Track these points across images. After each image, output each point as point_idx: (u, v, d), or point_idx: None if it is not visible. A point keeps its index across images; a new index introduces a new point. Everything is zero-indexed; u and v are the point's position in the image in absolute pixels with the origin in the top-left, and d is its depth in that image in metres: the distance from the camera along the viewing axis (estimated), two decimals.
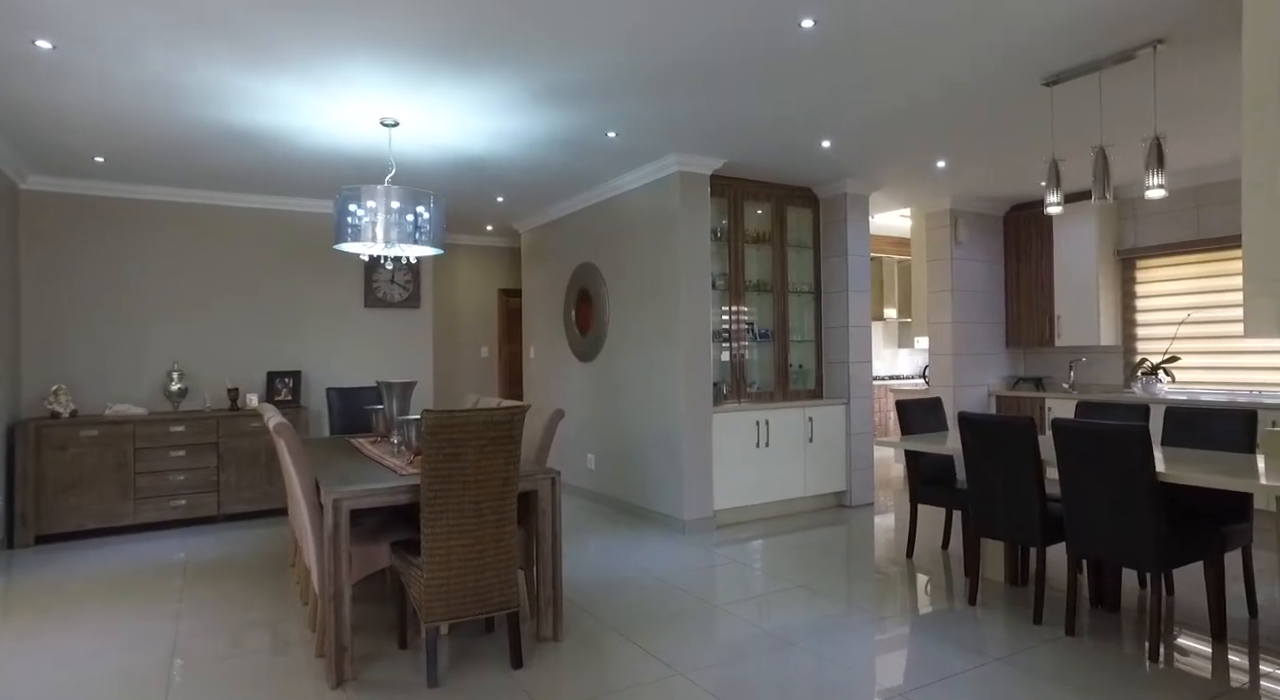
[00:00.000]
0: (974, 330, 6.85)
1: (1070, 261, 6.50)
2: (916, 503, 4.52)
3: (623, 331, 5.95)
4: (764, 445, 5.66)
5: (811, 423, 5.91)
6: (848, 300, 6.06)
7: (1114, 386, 6.47)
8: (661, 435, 5.45)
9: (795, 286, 6.21)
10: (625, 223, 5.91)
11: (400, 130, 4.39)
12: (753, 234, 6.02)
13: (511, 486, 2.95)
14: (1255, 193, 2.78)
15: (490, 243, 8.48)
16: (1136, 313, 6.38)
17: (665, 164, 5.30)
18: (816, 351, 6.28)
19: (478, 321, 8.42)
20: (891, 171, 5.77)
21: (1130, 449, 3.01)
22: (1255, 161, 2.80)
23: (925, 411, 4.69)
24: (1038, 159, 5.38)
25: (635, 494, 5.78)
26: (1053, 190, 3.79)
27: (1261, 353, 5.66)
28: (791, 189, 6.15)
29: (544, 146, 4.90)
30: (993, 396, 6.88)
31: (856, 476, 6.10)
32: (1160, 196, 3.43)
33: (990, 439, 3.56)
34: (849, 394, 6.07)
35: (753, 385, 5.99)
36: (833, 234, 6.19)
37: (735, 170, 5.64)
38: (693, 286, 5.32)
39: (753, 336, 5.99)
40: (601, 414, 6.24)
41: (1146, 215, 6.30)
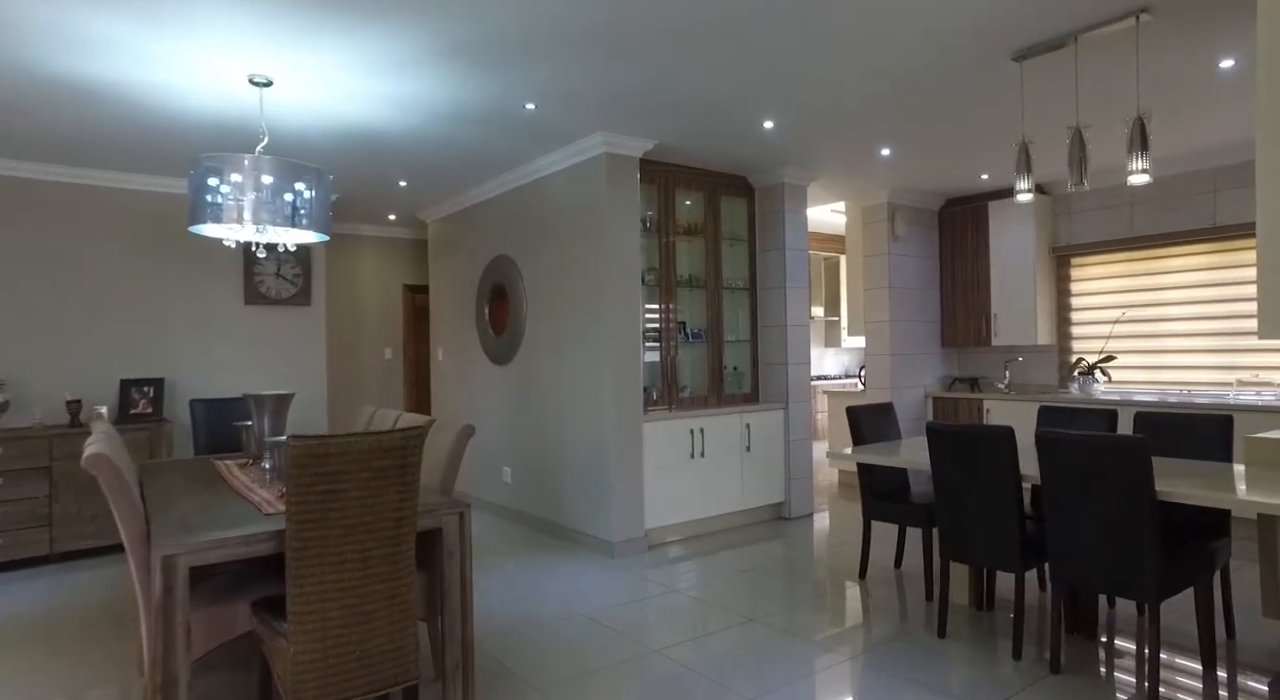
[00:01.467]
0: (911, 329, 6.59)
1: (1007, 258, 6.31)
2: (870, 519, 4.12)
3: (542, 332, 5.36)
4: (699, 456, 5.19)
5: (749, 430, 5.48)
6: (785, 297, 5.66)
7: (1049, 386, 6.32)
8: (586, 447, 4.90)
9: (729, 282, 5.76)
10: (545, 211, 5.32)
11: (275, 92, 3.68)
12: (684, 225, 5.54)
13: (407, 526, 2.34)
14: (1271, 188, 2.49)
15: (394, 234, 7.70)
16: (1071, 311, 6.25)
17: (590, 145, 4.74)
18: (752, 352, 5.86)
19: (381, 320, 7.64)
20: (833, 159, 5.39)
21: (1129, 464, 2.66)
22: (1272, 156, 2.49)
23: (878, 418, 4.30)
24: (991, 146, 5.10)
25: (558, 512, 5.20)
26: (1023, 176, 3.45)
27: (1192, 352, 5.58)
28: (726, 177, 5.70)
29: (452, 120, 4.26)
30: (930, 398, 6.64)
31: (795, 486, 5.71)
32: (1144, 182, 3.12)
33: (964, 452, 3.17)
34: (787, 398, 5.67)
35: (685, 390, 5.51)
36: (769, 226, 5.78)
37: (666, 155, 5.14)
38: (621, 282, 4.78)
39: (684, 336, 5.51)
40: (519, 423, 5.63)
41: (1080, 212, 6.17)
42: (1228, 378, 5.42)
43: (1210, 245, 5.51)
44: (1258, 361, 5.30)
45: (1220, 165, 5.42)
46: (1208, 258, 5.53)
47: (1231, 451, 3.39)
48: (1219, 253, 5.48)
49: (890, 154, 5.22)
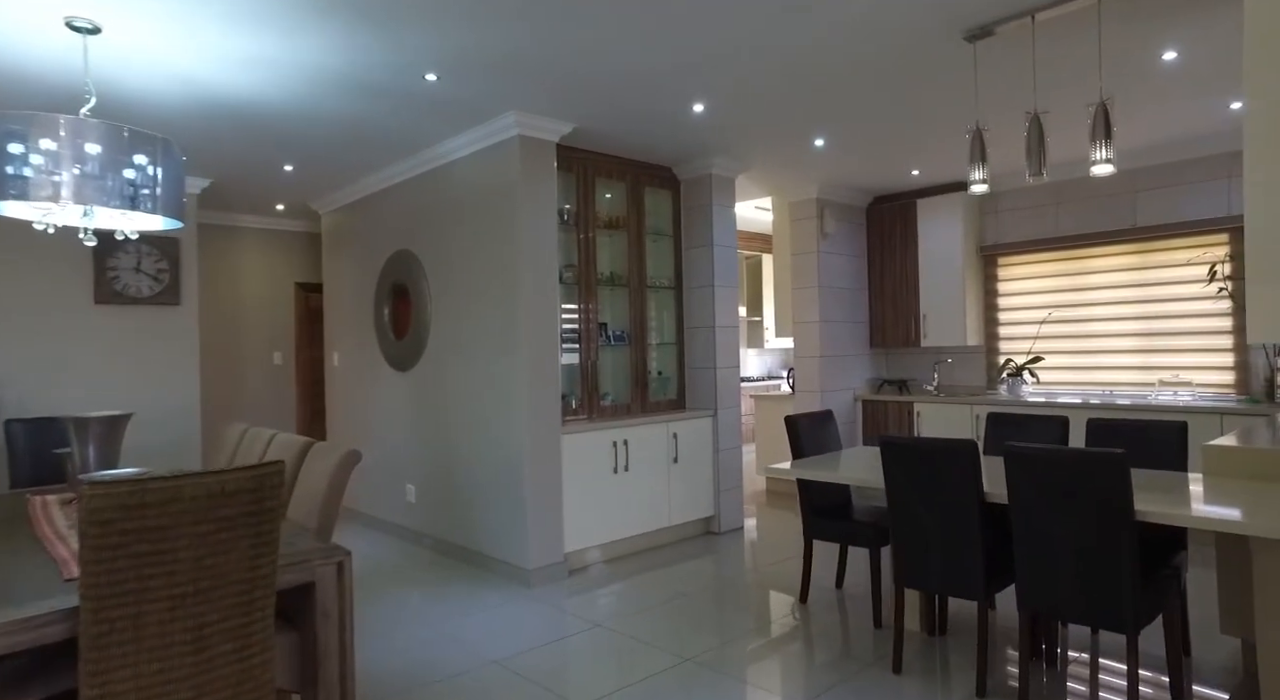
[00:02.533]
0: (840, 330, 6.37)
1: (935, 258, 6.16)
2: (811, 538, 3.80)
3: (448, 334, 4.82)
4: (622, 469, 4.77)
5: (676, 439, 5.09)
6: (713, 296, 5.31)
7: (978, 388, 6.21)
8: (498, 462, 4.40)
9: (654, 281, 5.37)
10: (452, 201, 4.78)
11: (106, 43, 3.03)
12: (606, 219, 5.11)
13: (263, 590, 1.82)
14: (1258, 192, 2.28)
15: (284, 226, 6.95)
16: (999, 312, 6.16)
17: (502, 126, 4.24)
18: (678, 356, 5.49)
19: (269, 322, 6.87)
20: (765, 150, 5.07)
21: (1107, 482, 2.39)
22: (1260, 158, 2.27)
23: (818, 429, 3.99)
24: (929, 140, 4.88)
25: (467, 535, 4.67)
26: (976, 166, 3.18)
27: (1116, 352, 5.55)
28: (650, 167, 5.30)
29: (340, 90, 3.69)
30: (859, 401, 6.43)
31: (726, 498, 5.37)
32: (1108, 173, 2.89)
33: (921, 468, 2.86)
34: (716, 404, 5.31)
35: (607, 397, 5.08)
36: (696, 220, 5.42)
37: (586, 141, 4.69)
38: (536, 279, 4.31)
39: (606, 339, 5.08)
40: (423, 435, 5.06)
41: (1007, 211, 6.08)
42: (1150, 378, 5.40)
43: (1132, 246, 5.49)
44: (1177, 362, 5.30)
45: (1140, 166, 5.39)
46: (1130, 258, 5.50)
47: (1187, 459, 3.22)
48: (1140, 253, 5.46)
49: (825, 145, 4.93)
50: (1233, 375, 5.12)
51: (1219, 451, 3.01)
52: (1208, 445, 3.03)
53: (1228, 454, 2.99)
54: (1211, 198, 5.15)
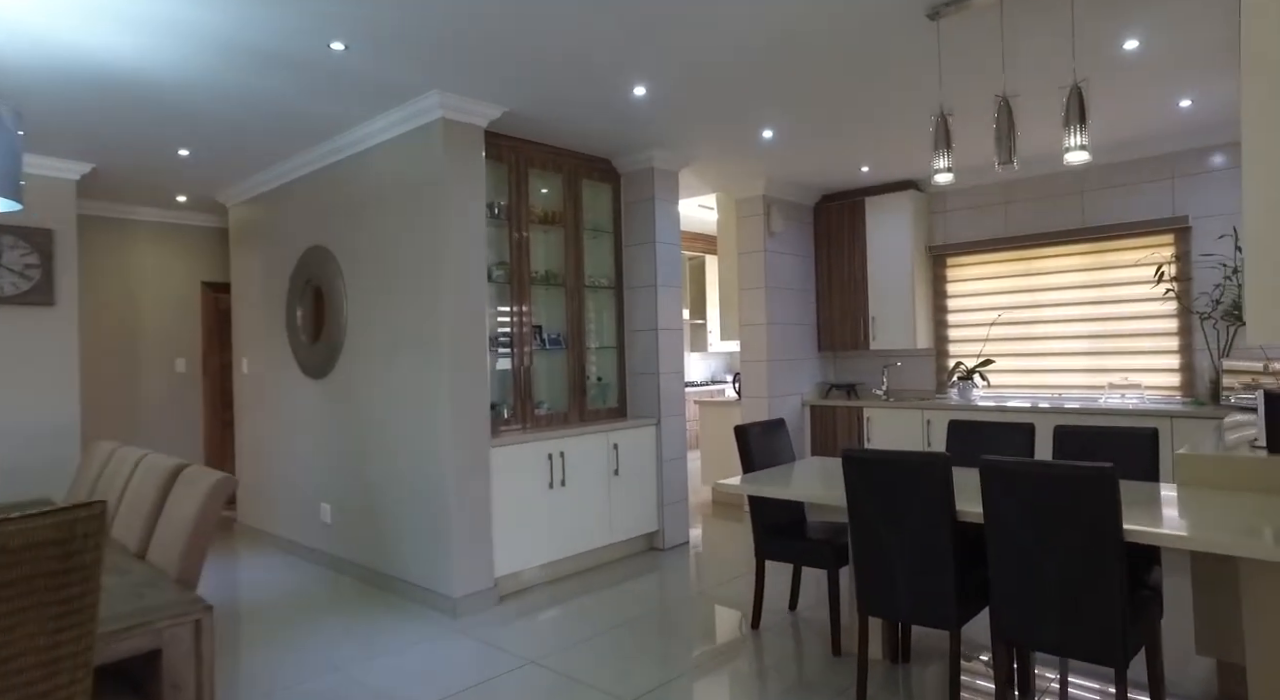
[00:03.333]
0: (788, 333, 6.13)
1: (884, 258, 5.98)
2: (763, 558, 3.50)
3: (367, 339, 4.37)
4: (559, 484, 4.39)
5: (617, 451, 4.75)
6: (656, 297, 4.98)
7: (928, 392, 6.05)
8: (422, 479, 3.98)
9: (593, 280, 5.02)
10: (371, 192, 4.34)
11: None
12: (540, 213, 4.74)
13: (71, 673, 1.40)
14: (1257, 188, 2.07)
15: (188, 220, 6.34)
16: (949, 314, 6.01)
17: (424, 107, 3.84)
18: (619, 361, 5.14)
19: (170, 326, 6.26)
20: (710, 141, 4.77)
21: (1094, 499, 2.15)
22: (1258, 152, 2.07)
23: (770, 439, 3.70)
24: (881, 131, 4.66)
25: (387, 560, 4.23)
26: (941, 154, 2.93)
27: (1064, 355, 5.45)
28: (588, 159, 4.95)
29: (234, 60, 3.23)
30: (807, 406, 6.20)
31: (670, 511, 5.05)
32: (1083, 160, 2.67)
33: (887, 485, 2.58)
34: (659, 412, 4.99)
35: (542, 406, 4.70)
36: (637, 216, 5.09)
37: (519, 127, 4.32)
38: (462, 277, 3.91)
39: (540, 343, 4.71)
40: (340, 449, 4.59)
41: (956, 210, 5.94)
42: (1099, 381, 5.31)
43: (1081, 246, 5.39)
44: (1126, 364, 5.21)
45: (1089, 166, 5.30)
46: (1079, 259, 5.40)
47: (1159, 468, 3.04)
48: (1089, 254, 5.36)
49: (773, 137, 4.67)
50: (1179, 377, 5.05)
51: (1192, 461, 2.82)
52: (1181, 454, 2.84)
53: (1201, 463, 2.80)
54: (1157, 198, 5.08)
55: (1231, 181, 4.82)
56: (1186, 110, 4.41)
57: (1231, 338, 4.78)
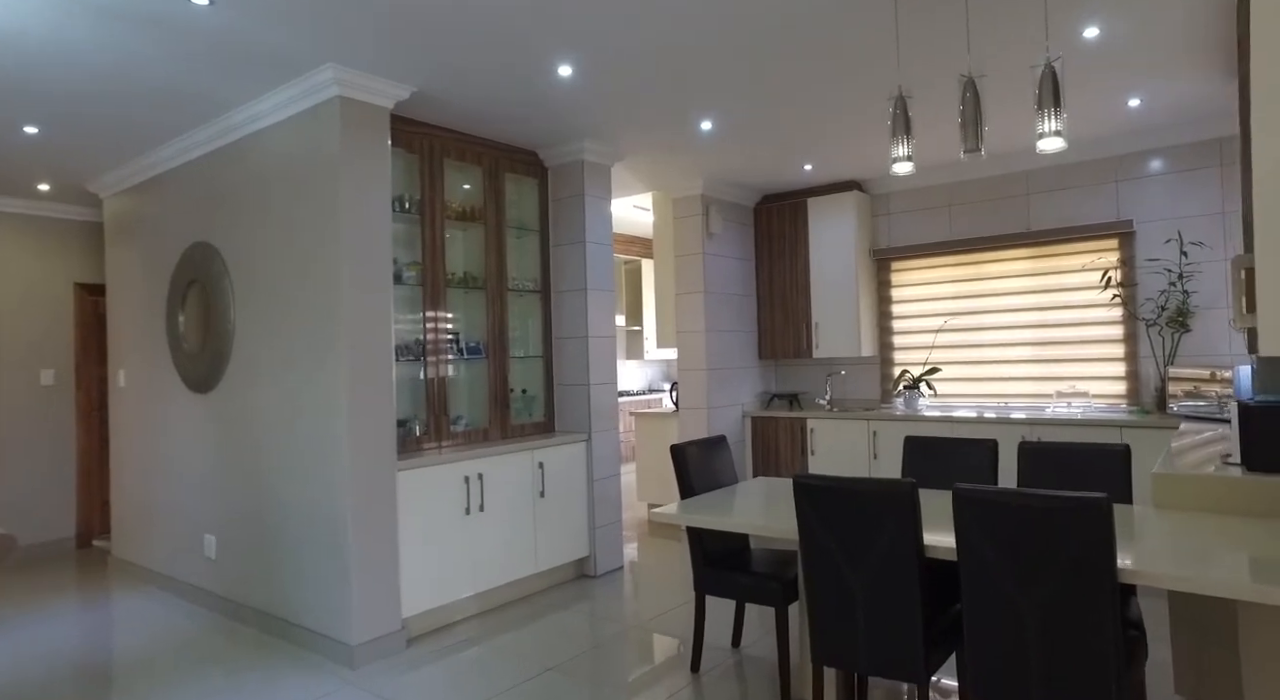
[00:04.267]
0: (728, 340, 5.81)
1: (827, 262, 5.72)
2: (702, 593, 3.13)
3: (257, 347, 3.84)
4: (477, 509, 3.94)
5: (543, 470, 4.32)
6: (586, 302, 4.59)
7: (873, 401, 5.81)
8: (317, 508, 3.48)
9: (517, 283, 4.59)
10: (261, 181, 3.82)
11: None
12: (458, 209, 4.29)
13: None
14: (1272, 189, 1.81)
15: (54, 213, 5.62)
16: (893, 320, 5.78)
17: (317, 84, 3.36)
18: (546, 371, 4.72)
19: (36, 332, 5.54)
20: (644, 134, 4.41)
21: (1085, 535, 1.85)
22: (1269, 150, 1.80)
23: (710, 459, 3.33)
24: (827, 124, 4.37)
25: (278, 601, 3.70)
26: (900, 140, 2.62)
27: (1011, 363, 5.28)
28: (512, 151, 4.53)
29: (76, 11, 2.70)
30: (748, 417, 5.89)
31: (603, 535, 4.64)
32: (1058, 148, 2.39)
33: (845, 517, 2.24)
34: (590, 427, 4.59)
35: (460, 422, 4.25)
36: (566, 214, 4.69)
37: (433, 113, 3.87)
38: (363, 278, 3.44)
39: (458, 352, 4.25)
40: (226, 473, 4.04)
41: (900, 213, 5.73)
42: (1047, 389, 5.15)
43: (1027, 251, 5.23)
44: (1073, 372, 5.07)
45: (1032, 168, 5.15)
46: (1025, 264, 5.24)
47: (1131, 488, 2.79)
48: (1035, 259, 5.21)
49: (712, 129, 4.33)
50: (1125, 385, 4.92)
51: (1170, 482, 2.57)
52: (1158, 475, 2.60)
53: (1179, 484, 2.56)
54: (1102, 202, 4.95)
55: (1174, 186, 4.72)
56: (1134, 111, 4.26)
57: (1176, 344, 4.67)
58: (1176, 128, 4.61)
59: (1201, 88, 3.94)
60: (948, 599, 2.41)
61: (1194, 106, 4.24)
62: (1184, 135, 4.64)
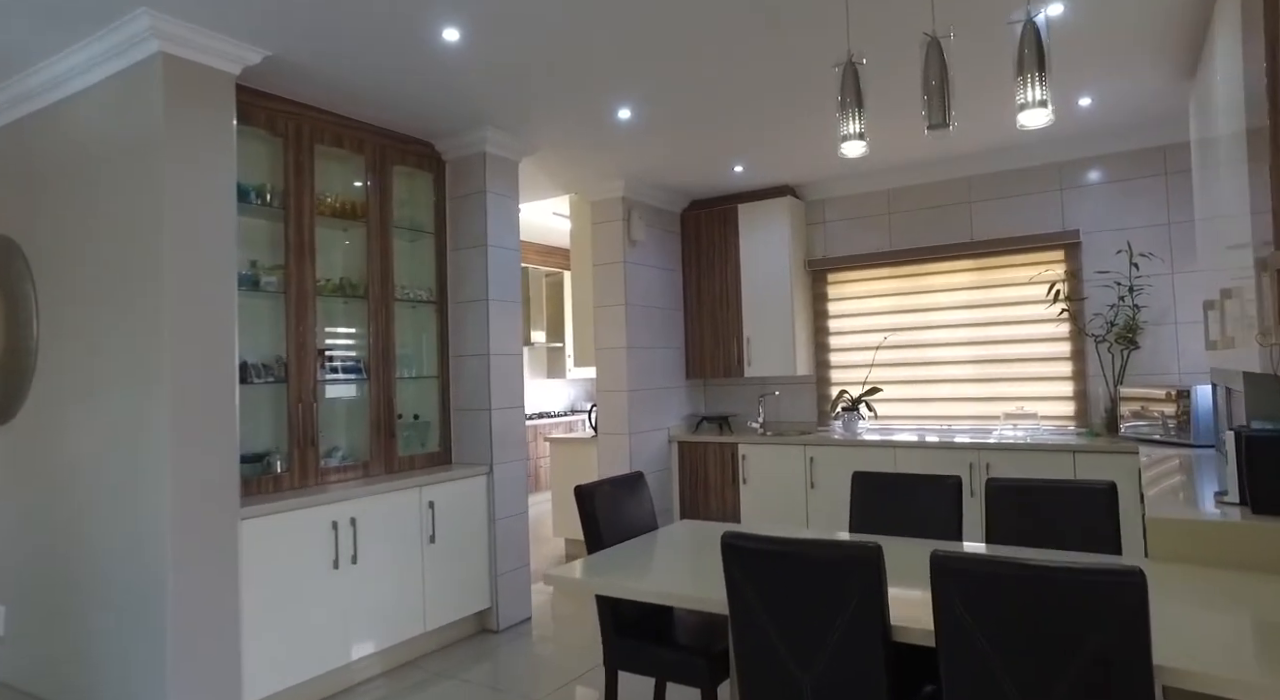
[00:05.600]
0: (652, 358, 5.28)
1: (760, 274, 5.27)
2: (614, 668, 2.55)
3: (65, 367, 3.09)
4: (349, 562, 3.27)
5: (433, 510, 3.68)
6: (488, 315, 3.99)
7: (809, 424, 5.37)
8: (124, 570, 2.75)
9: (407, 292, 3.96)
10: (70, 160, 3.09)
11: None
12: (334, 205, 3.65)
13: None
14: None
15: None
16: (830, 336, 5.36)
17: (131, 35, 2.69)
18: (442, 394, 4.09)
19: None
20: (554, 123, 3.86)
21: (1114, 619, 1.36)
22: None
23: (623, 502, 2.77)
24: (767, 109, 3.91)
25: (81, 687, 2.93)
26: (850, 115, 2.14)
27: (955, 382, 4.91)
28: (402, 139, 3.92)
29: None
30: (674, 443, 5.36)
31: (507, 582, 4.01)
32: (1044, 123, 1.94)
33: (790, 588, 1.71)
34: (492, 457, 3.97)
35: (333, 455, 3.58)
36: (466, 213, 4.09)
37: (301, 87, 3.24)
38: (198, 283, 2.77)
39: (329, 371, 3.59)
40: (22, 526, 3.24)
41: (836, 221, 5.34)
42: (993, 410, 4.79)
43: (970, 262, 4.89)
44: (1020, 391, 4.73)
45: (974, 174, 4.83)
46: (969, 276, 4.90)
47: (1120, 533, 2.36)
48: (979, 271, 4.87)
49: (632, 119, 3.82)
50: (1073, 406, 4.60)
51: (1169, 528, 2.15)
52: (1155, 519, 2.17)
53: (1179, 531, 2.14)
54: (1047, 211, 4.65)
55: (1118, 196, 4.44)
56: (1084, 111, 3.96)
57: (1125, 362, 4.37)
58: (1122, 133, 4.34)
59: (1155, 88, 3.65)
60: (917, 680, 1.90)
61: (1144, 109, 3.96)
62: (1129, 142, 4.37)
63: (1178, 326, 4.31)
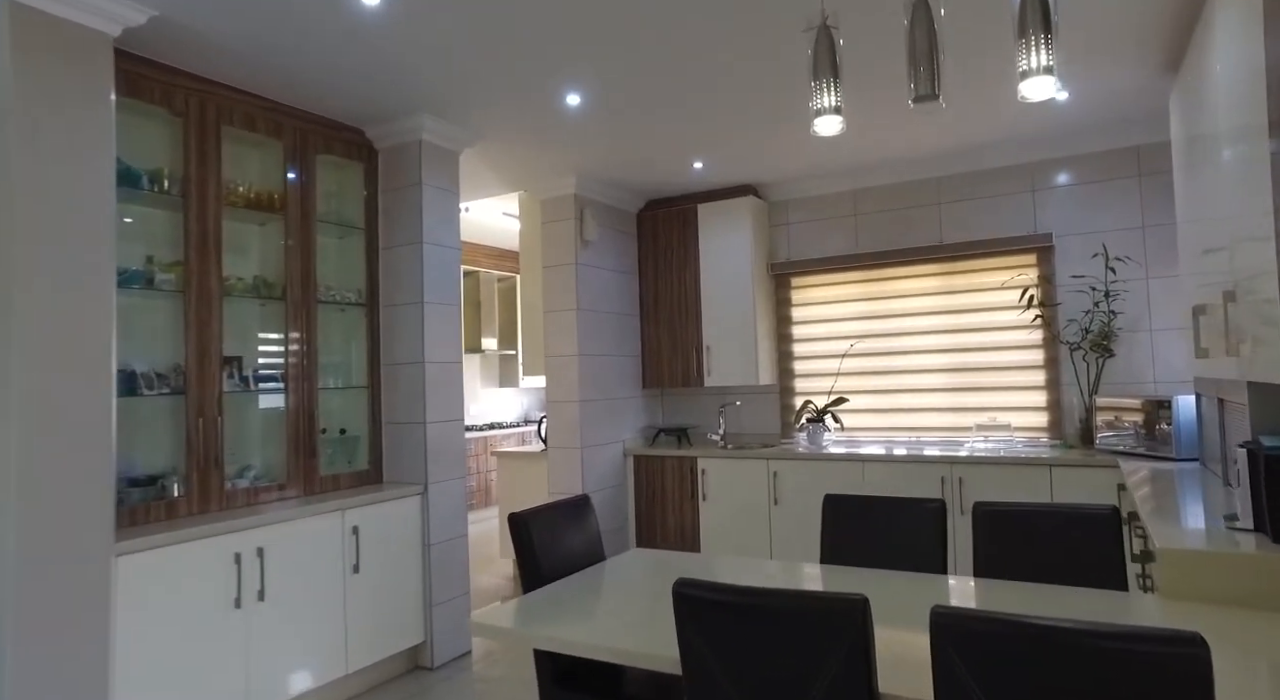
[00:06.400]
0: (607, 367, 4.95)
1: (720, 278, 4.98)
2: None
3: None
4: (254, 598, 2.87)
5: (357, 536, 3.29)
6: (423, 319, 3.62)
7: (772, 436, 5.08)
8: None
9: (333, 294, 3.57)
10: None
11: None
12: (246, 194, 3.25)
13: None
14: None
15: None
16: (794, 343, 5.09)
17: None
18: (371, 406, 3.70)
19: None
20: (499, 109, 3.51)
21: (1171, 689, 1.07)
22: None
23: (565, 530, 2.43)
24: (727, 100, 3.61)
25: None
26: (825, 86, 1.84)
27: (925, 392, 4.67)
28: (328, 125, 3.54)
29: None
30: (630, 456, 5.03)
31: (444, 613, 3.63)
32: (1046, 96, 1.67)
33: (759, 651, 1.39)
34: (426, 476, 3.60)
35: (245, 475, 3.17)
36: (400, 208, 3.72)
37: (205, 60, 2.85)
38: (61, 278, 2.36)
39: (239, 381, 3.19)
40: None
41: (800, 222, 5.08)
42: (965, 421, 4.56)
43: (939, 266, 4.66)
44: (992, 401, 4.51)
45: (944, 174, 4.62)
46: (939, 280, 4.67)
47: (1125, 567, 2.09)
48: (949, 275, 4.64)
49: (581, 105, 3.49)
50: (1046, 417, 4.39)
51: (1184, 561, 1.89)
52: (1168, 550, 1.90)
53: (1196, 565, 1.87)
54: (1019, 213, 4.45)
55: (1091, 198, 4.26)
56: (1061, 107, 3.75)
57: (1100, 371, 4.18)
58: (1096, 132, 4.15)
59: (1136, 83, 3.45)
60: None
61: (1120, 106, 3.77)
62: (1103, 142, 4.19)
63: (1152, 334, 4.13)
